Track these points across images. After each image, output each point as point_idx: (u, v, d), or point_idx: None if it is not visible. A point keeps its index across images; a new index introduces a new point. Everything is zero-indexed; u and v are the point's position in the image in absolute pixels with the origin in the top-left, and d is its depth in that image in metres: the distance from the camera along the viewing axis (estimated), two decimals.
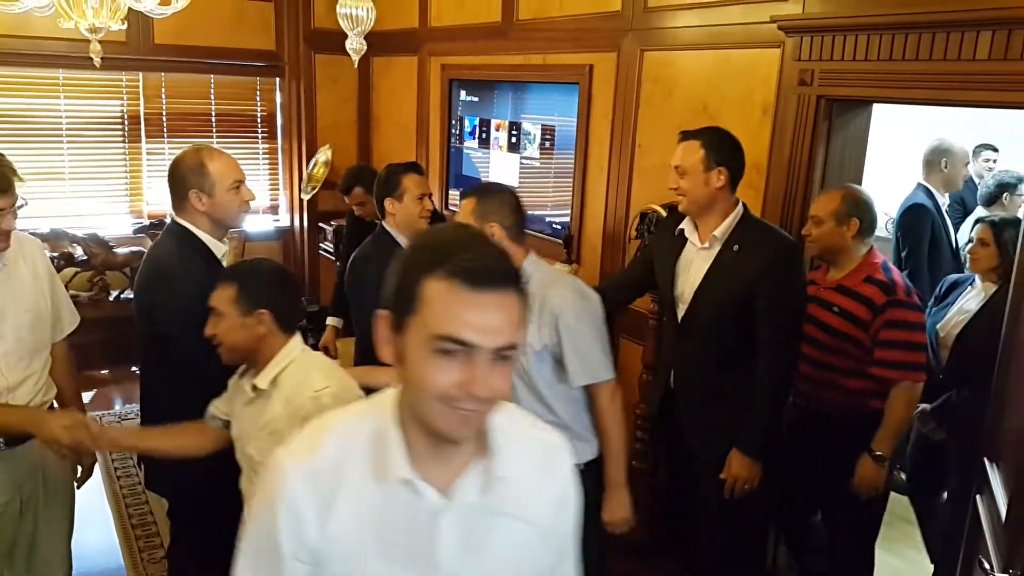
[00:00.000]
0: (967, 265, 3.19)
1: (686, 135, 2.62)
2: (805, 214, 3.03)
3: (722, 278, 2.58)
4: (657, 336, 3.35)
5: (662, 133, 3.59)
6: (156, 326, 2.32)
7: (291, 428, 1.62)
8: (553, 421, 2.25)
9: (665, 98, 3.57)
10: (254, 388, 2.01)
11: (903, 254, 3.92)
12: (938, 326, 3.16)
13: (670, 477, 3.16)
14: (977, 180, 4.83)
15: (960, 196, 4.58)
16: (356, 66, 2.33)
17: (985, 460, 2.14)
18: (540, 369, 2.33)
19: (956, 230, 4.14)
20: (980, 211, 4.12)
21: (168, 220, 2.44)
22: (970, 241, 3.15)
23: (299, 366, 2.01)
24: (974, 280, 3.16)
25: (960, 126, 5.44)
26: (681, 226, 2.70)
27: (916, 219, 3.96)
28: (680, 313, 2.72)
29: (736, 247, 2.56)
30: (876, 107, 3.06)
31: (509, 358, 1.08)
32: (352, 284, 3.00)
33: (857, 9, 2.72)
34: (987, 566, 1.80)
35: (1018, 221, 3.03)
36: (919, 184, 4.15)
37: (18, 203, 2.12)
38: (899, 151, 5.25)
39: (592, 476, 2.26)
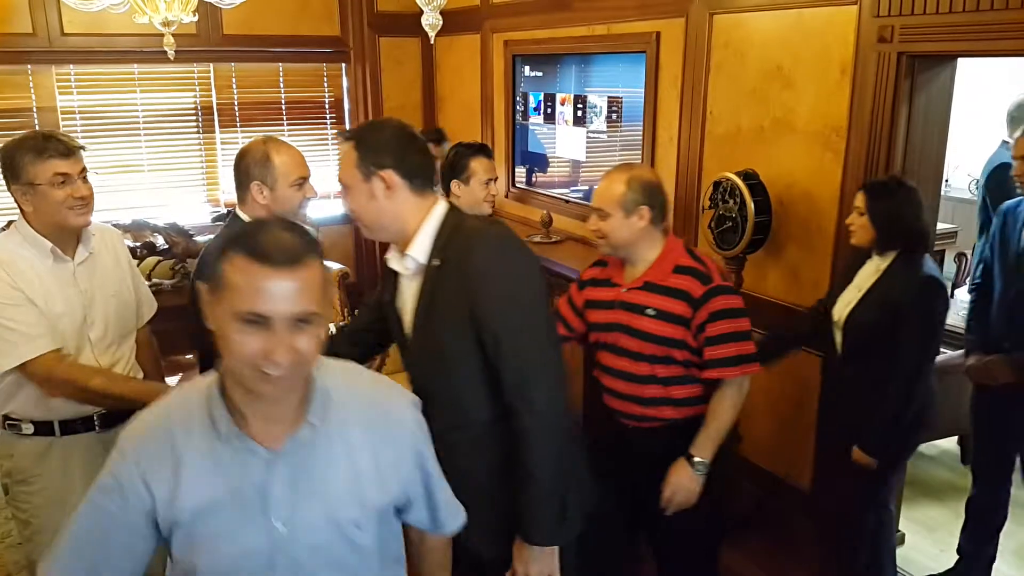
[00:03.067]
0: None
1: (342, 137, 1.95)
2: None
3: (432, 312, 1.84)
4: None
5: (735, 98, 3.51)
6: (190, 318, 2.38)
7: None
8: None
9: (737, 62, 3.48)
10: None
11: (993, 215, 3.75)
12: (835, 308, 2.75)
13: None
14: None
15: None
16: (432, 42, 2.29)
17: None
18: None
19: None
20: None
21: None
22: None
23: None
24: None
25: None
26: (387, 255, 1.97)
27: (1005, 178, 3.79)
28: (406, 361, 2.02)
29: (437, 263, 1.81)
30: (962, 61, 2.92)
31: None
32: None
33: None
34: None
35: (898, 186, 2.62)
36: (1003, 141, 3.97)
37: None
38: (988, 105, 5.00)
39: None
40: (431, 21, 2.10)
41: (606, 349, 2.45)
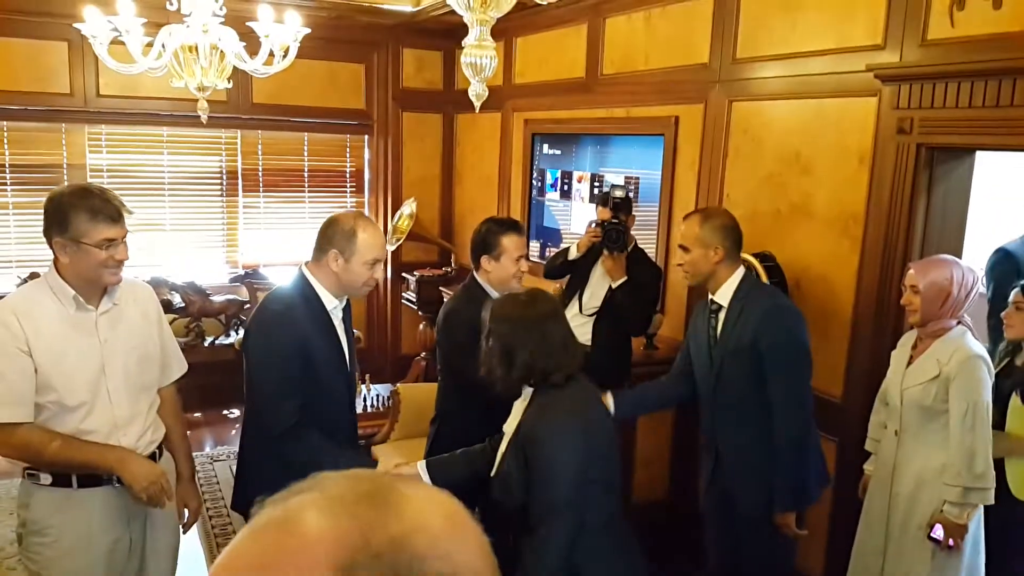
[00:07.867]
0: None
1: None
2: (906, 266, 2.94)
3: None
4: None
5: (752, 182, 3.57)
6: (248, 369, 2.48)
7: None
8: None
9: (755, 148, 3.55)
10: None
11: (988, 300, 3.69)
12: None
13: None
14: None
15: None
16: (477, 111, 2.38)
17: None
18: None
19: None
20: None
21: (299, 271, 2.57)
22: None
23: None
24: None
25: None
26: None
27: (996, 262, 3.77)
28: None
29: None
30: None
31: None
32: (441, 333, 3.03)
33: (959, 56, 2.66)
34: None
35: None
36: None
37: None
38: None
39: None
40: (478, 91, 2.16)
41: None
